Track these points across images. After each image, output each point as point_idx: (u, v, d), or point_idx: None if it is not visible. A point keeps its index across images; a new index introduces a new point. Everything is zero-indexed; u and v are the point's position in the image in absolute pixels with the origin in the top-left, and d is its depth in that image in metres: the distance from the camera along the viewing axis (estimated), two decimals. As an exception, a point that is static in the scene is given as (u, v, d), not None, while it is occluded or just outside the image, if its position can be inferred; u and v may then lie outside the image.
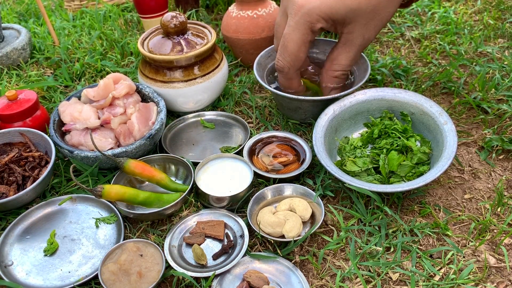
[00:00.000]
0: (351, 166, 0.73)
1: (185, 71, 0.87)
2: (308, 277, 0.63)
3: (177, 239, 0.68)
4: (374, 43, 1.18)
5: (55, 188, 0.80)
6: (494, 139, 0.80)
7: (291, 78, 0.76)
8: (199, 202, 0.74)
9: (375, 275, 0.62)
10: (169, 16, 0.88)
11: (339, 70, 0.75)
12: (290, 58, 0.71)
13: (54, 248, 0.68)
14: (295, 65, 0.73)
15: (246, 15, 1.01)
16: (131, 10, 1.46)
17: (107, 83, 0.82)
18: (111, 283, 0.60)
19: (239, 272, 0.63)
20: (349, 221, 0.70)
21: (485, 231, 0.67)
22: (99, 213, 0.74)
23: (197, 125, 0.91)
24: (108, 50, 1.18)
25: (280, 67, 0.73)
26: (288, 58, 0.72)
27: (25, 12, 1.52)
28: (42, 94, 1.04)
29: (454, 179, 0.77)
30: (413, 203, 0.73)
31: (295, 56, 0.71)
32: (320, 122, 0.78)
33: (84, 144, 0.79)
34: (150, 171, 0.74)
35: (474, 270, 0.62)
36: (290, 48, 0.70)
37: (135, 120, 0.80)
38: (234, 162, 0.76)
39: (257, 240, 0.68)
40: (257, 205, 0.71)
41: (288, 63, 0.72)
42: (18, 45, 1.14)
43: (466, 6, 1.31)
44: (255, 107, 0.96)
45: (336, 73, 0.76)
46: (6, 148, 0.82)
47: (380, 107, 0.82)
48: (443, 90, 0.97)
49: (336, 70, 0.76)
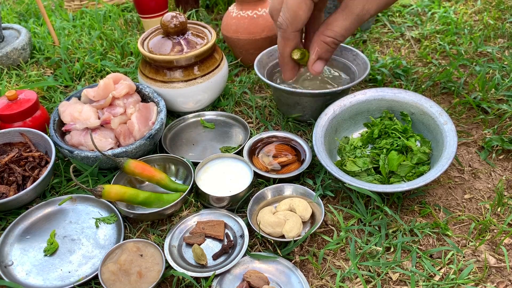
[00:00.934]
0: (351, 166, 0.73)
1: (185, 71, 0.87)
2: (308, 277, 0.63)
3: (177, 239, 0.68)
4: (374, 43, 1.18)
5: (55, 188, 0.80)
6: (494, 139, 0.80)
7: (288, 38, 0.74)
8: (199, 202, 0.74)
9: (375, 275, 0.62)
10: (169, 16, 0.88)
11: (331, 36, 0.74)
12: (289, 14, 0.71)
13: (54, 248, 0.68)
14: (293, 24, 0.72)
15: (246, 15, 1.01)
16: (131, 10, 1.46)
17: (107, 83, 0.82)
18: (111, 283, 0.60)
19: (239, 272, 0.63)
20: (349, 221, 0.70)
21: (485, 231, 0.67)
22: (99, 213, 0.73)
23: (197, 125, 0.91)
24: (108, 50, 1.18)
25: (279, 22, 0.73)
26: (287, 14, 0.71)
27: (25, 12, 1.52)
28: (42, 94, 1.04)
29: (454, 179, 0.77)
30: (413, 203, 0.73)
31: (293, 12, 0.70)
32: (320, 122, 0.78)
33: (84, 144, 0.79)
34: (150, 171, 0.74)
35: (474, 270, 0.62)
36: (290, 4, 0.70)
37: (135, 120, 0.80)
38: (234, 162, 0.76)
39: (257, 240, 0.68)
40: (257, 205, 0.71)
41: (287, 19, 0.71)
42: (18, 45, 1.14)
43: (466, 6, 1.31)
44: (255, 107, 0.96)
45: (327, 39, 0.74)
46: (6, 148, 0.82)
47: (380, 107, 0.82)
48: (443, 90, 0.97)
49: (328, 36, 0.74)
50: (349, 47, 0.93)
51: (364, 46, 1.17)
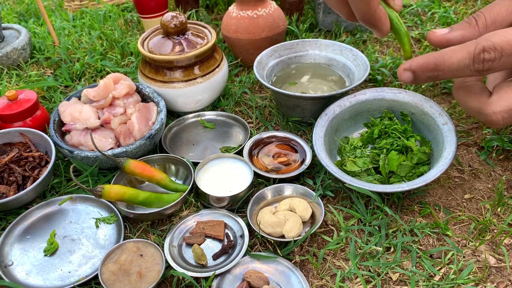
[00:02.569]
0: (351, 166, 0.73)
1: (185, 71, 0.87)
2: (308, 277, 0.63)
3: (177, 239, 0.68)
4: (374, 43, 1.18)
5: (55, 188, 0.80)
6: (494, 139, 0.80)
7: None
8: (199, 202, 0.74)
9: (375, 275, 0.62)
10: (169, 16, 0.88)
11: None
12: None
13: (54, 248, 0.68)
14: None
15: (246, 15, 1.01)
16: (131, 10, 1.46)
17: (107, 83, 0.82)
18: (111, 283, 0.60)
19: (239, 272, 0.63)
20: (349, 221, 0.70)
21: (485, 231, 0.67)
22: (99, 213, 0.73)
23: (197, 125, 0.91)
24: (108, 50, 1.18)
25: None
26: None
27: (25, 12, 1.52)
28: (42, 94, 1.04)
29: (454, 179, 0.77)
30: (413, 203, 0.73)
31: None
32: (320, 122, 0.78)
33: (84, 144, 0.79)
34: (150, 171, 0.74)
35: (474, 270, 0.62)
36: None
37: (135, 120, 0.80)
38: (234, 162, 0.76)
39: (257, 240, 0.68)
40: (257, 205, 0.71)
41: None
42: (18, 45, 1.14)
43: (466, 6, 1.31)
44: (255, 107, 0.96)
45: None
46: (6, 148, 0.82)
47: (380, 107, 0.82)
48: (443, 90, 0.97)
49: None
50: (349, 47, 0.93)
51: (364, 46, 1.17)
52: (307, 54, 0.97)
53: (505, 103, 0.47)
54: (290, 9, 1.24)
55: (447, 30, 0.51)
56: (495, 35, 0.44)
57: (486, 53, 0.44)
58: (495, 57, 0.44)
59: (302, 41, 0.97)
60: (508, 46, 0.43)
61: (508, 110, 0.47)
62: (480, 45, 0.45)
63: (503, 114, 0.48)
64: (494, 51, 0.44)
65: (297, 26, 1.22)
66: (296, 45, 0.96)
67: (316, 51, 0.96)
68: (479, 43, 0.45)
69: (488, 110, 0.48)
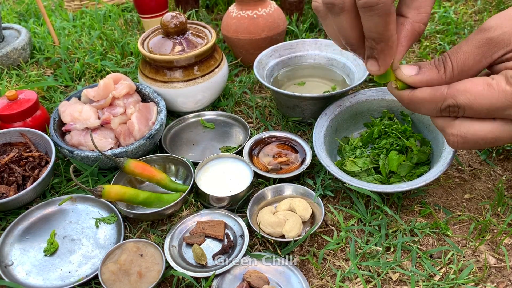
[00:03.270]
0: (351, 166, 0.73)
1: (185, 71, 0.87)
2: (308, 277, 0.63)
3: (177, 239, 0.68)
4: (374, 43, 1.18)
5: (55, 188, 0.80)
6: (494, 139, 0.80)
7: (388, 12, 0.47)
8: (199, 202, 0.74)
9: (375, 275, 0.62)
10: (169, 16, 0.88)
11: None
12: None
13: (54, 248, 0.68)
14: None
15: (246, 15, 1.01)
16: (131, 10, 1.46)
17: (107, 83, 0.82)
18: (111, 283, 0.60)
19: (239, 272, 0.63)
20: (349, 221, 0.70)
21: (485, 231, 0.67)
22: (99, 213, 0.73)
23: (197, 125, 0.91)
24: (108, 50, 1.18)
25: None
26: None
27: (25, 12, 1.52)
28: (42, 94, 1.04)
29: (454, 179, 0.77)
30: (413, 203, 0.73)
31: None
32: (320, 122, 0.78)
33: (84, 144, 0.79)
34: (150, 171, 0.74)
35: (474, 270, 0.62)
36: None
37: (135, 120, 0.80)
38: (234, 162, 0.76)
39: (257, 240, 0.68)
40: (257, 205, 0.71)
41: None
42: (18, 45, 1.14)
43: (466, 6, 1.31)
44: (255, 107, 0.96)
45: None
46: (6, 148, 0.82)
47: (380, 107, 0.82)
48: (443, 90, 0.97)
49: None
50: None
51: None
52: (307, 54, 0.97)
53: (464, 130, 0.51)
54: (290, 9, 1.24)
55: (415, 71, 0.53)
56: (460, 94, 0.49)
57: (451, 108, 0.50)
58: (459, 111, 0.50)
59: (302, 41, 0.97)
60: (470, 105, 0.49)
61: (464, 136, 0.51)
62: (446, 102, 0.50)
63: (459, 139, 0.52)
64: (458, 108, 0.50)
65: (297, 26, 1.22)
66: (296, 45, 0.96)
67: (316, 51, 0.96)
68: (446, 99, 0.50)
69: (448, 130, 0.53)
